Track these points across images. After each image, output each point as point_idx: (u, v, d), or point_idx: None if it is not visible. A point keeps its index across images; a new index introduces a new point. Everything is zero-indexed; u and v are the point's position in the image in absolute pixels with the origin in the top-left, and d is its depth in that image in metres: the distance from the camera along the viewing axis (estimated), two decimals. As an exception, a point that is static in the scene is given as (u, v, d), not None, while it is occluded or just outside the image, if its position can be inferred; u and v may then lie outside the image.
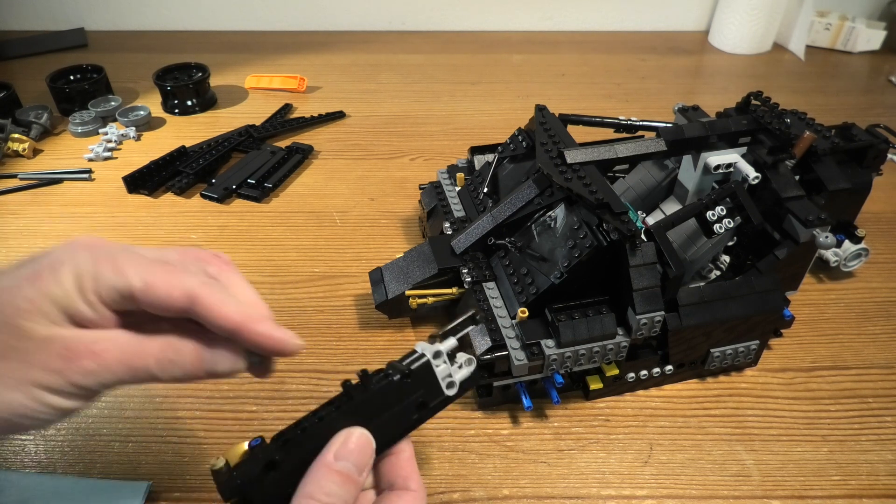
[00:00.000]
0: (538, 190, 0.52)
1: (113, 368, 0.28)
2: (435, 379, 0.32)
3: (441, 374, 0.33)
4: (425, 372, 0.32)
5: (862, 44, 1.18)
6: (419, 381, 0.32)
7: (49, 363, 0.27)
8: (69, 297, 0.28)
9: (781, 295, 0.52)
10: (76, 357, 0.27)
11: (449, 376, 0.33)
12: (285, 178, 0.80)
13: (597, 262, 0.47)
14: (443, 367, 0.33)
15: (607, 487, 0.47)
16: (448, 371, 0.33)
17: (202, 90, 0.96)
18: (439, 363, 0.33)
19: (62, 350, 0.27)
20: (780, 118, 0.55)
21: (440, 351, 0.33)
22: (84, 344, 0.27)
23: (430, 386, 0.32)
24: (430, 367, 0.32)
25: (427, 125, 0.94)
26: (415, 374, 0.32)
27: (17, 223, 0.73)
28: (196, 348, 0.29)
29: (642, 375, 0.52)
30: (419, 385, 0.32)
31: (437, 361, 0.32)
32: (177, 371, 0.29)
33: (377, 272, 0.57)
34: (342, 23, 1.24)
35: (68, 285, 0.28)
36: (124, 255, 0.29)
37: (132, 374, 0.28)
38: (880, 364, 0.57)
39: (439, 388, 0.33)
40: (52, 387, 0.27)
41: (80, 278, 0.28)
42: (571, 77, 1.10)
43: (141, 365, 0.28)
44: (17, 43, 1.13)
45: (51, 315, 0.27)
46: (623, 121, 0.62)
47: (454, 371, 0.33)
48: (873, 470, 0.48)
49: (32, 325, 0.27)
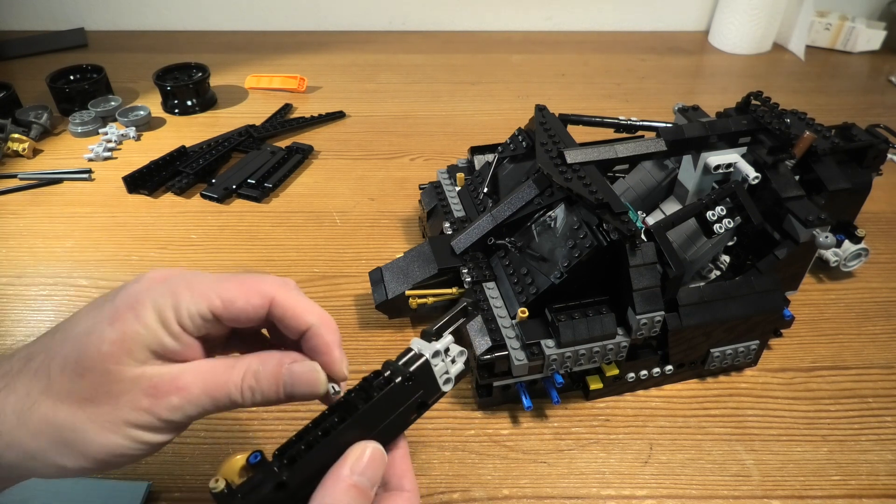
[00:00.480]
0: (538, 190, 0.52)
1: (197, 401, 0.29)
2: (434, 378, 0.32)
3: (439, 372, 0.32)
4: (425, 373, 0.32)
5: (862, 44, 1.18)
6: (420, 382, 0.32)
7: (138, 402, 0.28)
8: (153, 333, 0.28)
9: (781, 295, 0.52)
10: (162, 394, 0.28)
11: (446, 373, 0.33)
12: (285, 178, 0.80)
13: (597, 262, 0.47)
14: (440, 365, 0.32)
15: (607, 487, 0.47)
16: (445, 368, 0.33)
17: (202, 90, 0.96)
18: (437, 362, 0.32)
19: (149, 388, 0.28)
20: (780, 118, 0.55)
21: (438, 350, 0.32)
22: (168, 380, 0.28)
23: (429, 385, 0.32)
24: (429, 367, 0.32)
25: (427, 125, 0.94)
26: (416, 376, 0.31)
27: (17, 223, 0.73)
28: (275, 374, 0.30)
29: (642, 375, 0.52)
30: (420, 386, 0.32)
31: (435, 361, 0.32)
32: (258, 397, 0.30)
33: (377, 272, 0.57)
34: (342, 23, 1.24)
35: (151, 322, 0.28)
36: (196, 280, 0.30)
37: (215, 403, 0.29)
38: (880, 364, 0.57)
39: (437, 386, 0.32)
40: (143, 425, 0.28)
41: (161, 313, 0.28)
42: (571, 77, 1.10)
43: (223, 394, 0.29)
44: (17, 43, 1.13)
45: (136, 354, 0.28)
46: (623, 121, 0.62)
47: (449, 366, 0.33)
48: (873, 470, 0.48)
49: (119, 368, 0.27)
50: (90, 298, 0.62)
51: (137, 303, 0.28)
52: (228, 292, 0.29)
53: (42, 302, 0.62)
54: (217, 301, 0.29)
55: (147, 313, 0.28)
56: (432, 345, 0.32)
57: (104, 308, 0.29)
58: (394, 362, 0.32)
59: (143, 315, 0.28)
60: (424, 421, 0.51)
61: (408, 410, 0.32)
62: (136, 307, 0.28)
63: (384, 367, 0.32)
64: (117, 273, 0.66)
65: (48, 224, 0.73)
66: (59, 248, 0.69)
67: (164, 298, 0.29)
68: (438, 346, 0.32)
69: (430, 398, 0.32)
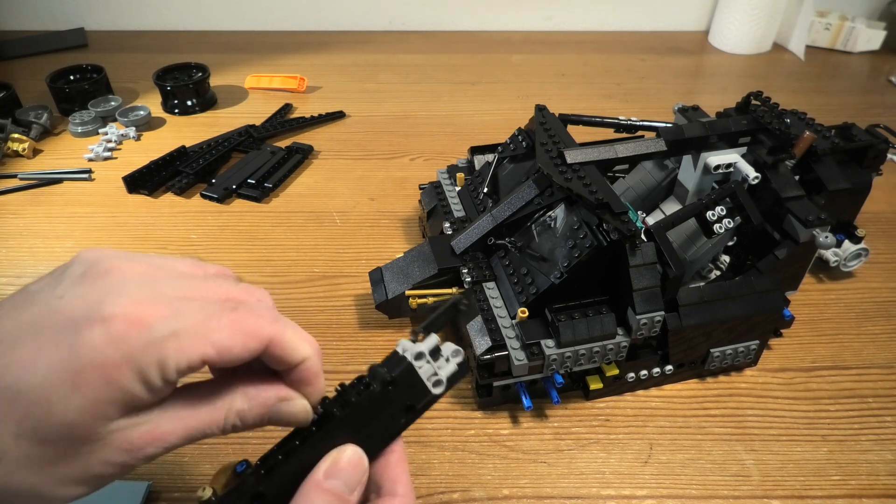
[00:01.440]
0: (538, 190, 0.52)
1: (176, 444, 0.26)
2: (420, 381, 0.30)
3: (425, 374, 0.30)
4: (409, 376, 0.30)
5: (862, 44, 1.18)
6: (403, 386, 0.30)
7: (112, 458, 0.25)
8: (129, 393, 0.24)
9: (781, 295, 0.52)
10: (140, 447, 0.25)
11: (434, 374, 0.31)
12: (285, 178, 0.80)
13: (597, 262, 0.47)
14: (426, 367, 0.30)
15: (607, 487, 0.47)
16: (433, 370, 0.30)
17: (202, 90, 0.96)
18: (422, 364, 0.30)
19: (124, 444, 0.25)
20: (780, 118, 0.55)
21: (422, 352, 0.30)
22: (145, 432, 0.25)
23: (415, 388, 0.30)
24: (412, 370, 0.30)
25: (427, 125, 0.94)
26: (398, 381, 0.30)
27: (17, 223, 0.73)
28: (261, 415, 0.28)
29: (642, 375, 0.52)
30: (404, 390, 0.30)
31: (419, 363, 0.30)
32: (240, 430, 0.28)
33: (377, 272, 0.57)
34: (342, 23, 1.24)
35: (128, 384, 0.24)
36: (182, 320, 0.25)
37: (192, 441, 0.27)
38: (880, 364, 0.57)
39: (425, 389, 0.30)
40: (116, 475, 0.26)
41: (142, 373, 0.24)
42: (571, 77, 1.10)
43: (205, 434, 0.27)
44: (17, 43, 1.13)
45: (109, 414, 0.24)
46: (623, 121, 0.62)
47: (441, 366, 0.31)
48: (873, 470, 0.48)
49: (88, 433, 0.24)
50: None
51: (108, 363, 0.23)
52: (223, 339, 0.25)
53: (42, 302, 0.62)
54: (211, 350, 0.25)
55: (122, 375, 0.24)
56: (416, 346, 0.30)
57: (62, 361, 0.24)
58: (377, 366, 0.30)
59: (116, 377, 0.24)
60: (424, 421, 0.51)
61: (394, 415, 0.30)
62: (107, 368, 0.23)
63: (368, 371, 0.30)
64: (117, 273, 0.65)
65: (48, 224, 0.73)
66: (59, 248, 0.69)
67: (144, 355, 0.24)
68: (423, 347, 0.30)
69: (418, 402, 0.31)
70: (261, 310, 0.28)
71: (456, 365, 0.31)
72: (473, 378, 0.52)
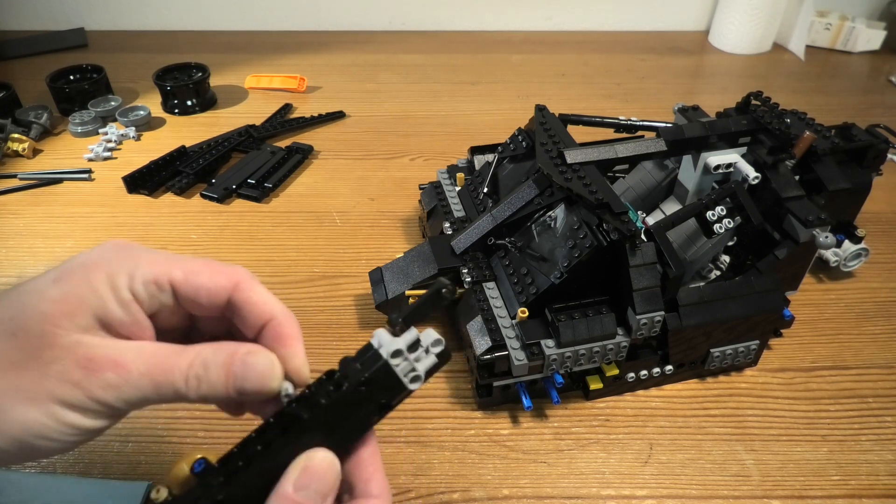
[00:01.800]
0: (538, 190, 0.52)
1: (137, 382, 0.25)
2: (396, 379, 0.28)
3: (402, 371, 0.28)
4: (384, 375, 0.28)
5: (862, 44, 1.18)
6: (378, 385, 0.28)
7: (69, 374, 0.24)
8: (100, 297, 0.25)
9: (781, 295, 0.52)
10: (98, 368, 0.25)
11: (413, 370, 0.28)
12: (285, 178, 0.80)
13: (597, 262, 0.47)
14: (403, 364, 0.28)
15: (607, 487, 0.47)
16: (411, 366, 0.28)
17: (202, 90, 0.96)
18: (399, 362, 0.28)
19: (83, 360, 0.24)
20: (780, 118, 0.55)
21: (400, 349, 0.28)
22: (108, 353, 0.25)
23: (390, 385, 0.28)
24: (388, 369, 0.28)
25: (427, 125, 0.94)
26: (372, 381, 0.27)
27: (17, 223, 0.73)
28: (227, 363, 0.27)
29: (642, 375, 0.52)
30: (379, 388, 0.28)
31: (396, 361, 0.28)
32: (204, 388, 0.26)
33: (377, 272, 0.57)
34: (342, 23, 1.24)
35: (99, 285, 0.25)
36: (160, 252, 0.28)
37: (157, 390, 0.26)
38: (880, 364, 0.57)
39: (402, 385, 0.28)
40: (71, 402, 0.24)
41: (112, 277, 0.26)
42: (571, 77, 1.10)
43: (166, 380, 0.26)
44: (17, 43, 1.13)
45: (77, 318, 0.25)
46: (623, 121, 0.62)
47: (420, 357, 0.28)
48: (873, 470, 0.48)
49: (55, 331, 0.24)
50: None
51: (89, 264, 0.26)
52: (191, 266, 0.27)
53: (42, 302, 0.62)
54: (178, 272, 0.27)
55: (97, 275, 0.25)
56: (394, 341, 0.28)
57: (55, 270, 0.26)
58: (350, 361, 0.28)
59: (92, 277, 0.25)
60: (424, 421, 0.51)
61: (367, 414, 0.28)
62: (87, 268, 0.26)
63: (340, 365, 0.28)
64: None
65: (48, 224, 0.73)
66: (59, 248, 0.69)
67: (119, 262, 0.26)
68: (401, 343, 0.28)
69: (393, 399, 0.28)
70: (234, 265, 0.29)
71: (435, 356, 0.29)
72: (473, 378, 0.52)
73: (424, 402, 0.53)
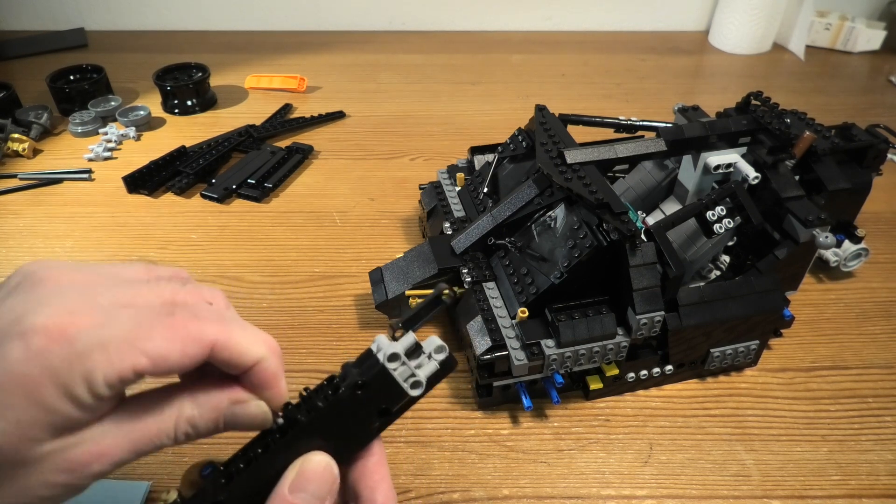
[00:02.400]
0: (538, 190, 0.52)
1: (123, 458, 0.25)
2: (395, 383, 0.28)
3: (402, 375, 0.28)
4: (381, 379, 0.28)
5: (862, 44, 1.18)
6: (376, 389, 0.28)
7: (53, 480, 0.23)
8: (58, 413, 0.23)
9: (781, 295, 0.52)
10: (82, 466, 0.24)
11: (412, 375, 0.28)
12: (285, 178, 0.80)
13: (597, 262, 0.47)
14: (402, 368, 0.28)
15: (607, 487, 0.47)
16: (410, 371, 0.28)
17: (202, 90, 0.96)
18: (397, 365, 0.28)
19: (63, 464, 0.23)
20: (780, 118, 0.55)
21: (396, 353, 0.28)
22: (86, 450, 0.24)
23: (390, 391, 0.28)
24: (385, 372, 0.28)
25: (427, 125, 0.94)
26: (369, 385, 0.27)
27: (17, 223, 0.73)
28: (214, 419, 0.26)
29: (642, 375, 0.52)
30: (377, 393, 0.28)
31: (393, 364, 0.28)
32: (193, 439, 0.26)
33: (377, 272, 0.57)
34: (342, 23, 1.24)
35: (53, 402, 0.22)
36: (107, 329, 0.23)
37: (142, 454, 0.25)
38: (880, 364, 0.57)
39: (401, 391, 0.28)
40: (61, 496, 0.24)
41: (67, 388, 0.22)
42: (571, 77, 1.10)
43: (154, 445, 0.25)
44: (17, 43, 1.13)
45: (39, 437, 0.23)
46: (623, 121, 0.62)
47: (422, 364, 0.28)
48: (873, 470, 0.48)
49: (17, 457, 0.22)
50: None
51: (29, 381, 0.22)
52: (156, 347, 0.23)
53: (42, 302, 0.62)
54: (143, 360, 0.23)
55: (45, 393, 0.22)
56: (391, 345, 0.28)
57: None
58: (349, 365, 0.28)
59: (39, 396, 0.22)
60: (424, 421, 0.51)
61: (366, 419, 0.28)
62: (28, 386, 0.22)
63: (341, 370, 0.28)
64: (117, 273, 0.66)
65: (48, 224, 0.73)
66: (59, 248, 0.69)
67: (68, 369, 0.22)
68: (398, 347, 0.28)
69: (393, 405, 0.28)
70: (204, 312, 0.26)
71: (437, 363, 0.29)
72: (473, 378, 0.52)
73: (424, 402, 0.52)
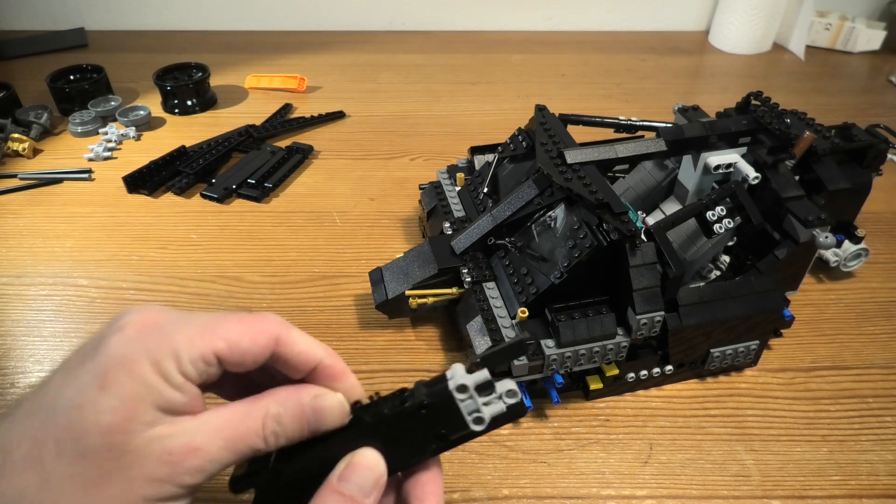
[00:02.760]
0: (538, 190, 0.52)
1: (218, 458, 0.26)
2: (458, 413, 0.29)
3: (467, 408, 0.29)
4: (445, 405, 0.29)
5: (862, 44, 1.18)
6: (439, 413, 0.29)
7: (155, 473, 0.25)
8: (155, 389, 0.25)
9: (781, 295, 0.52)
10: (180, 459, 0.25)
11: (477, 411, 0.29)
12: (285, 178, 0.80)
13: (597, 262, 0.47)
14: (469, 401, 0.29)
15: (607, 487, 0.47)
16: (476, 405, 0.29)
17: (202, 90, 0.96)
18: (464, 397, 0.29)
19: (164, 455, 0.25)
20: (780, 118, 0.55)
21: (465, 385, 0.29)
22: (183, 442, 0.25)
23: (452, 419, 0.29)
24: (450, 399, 0.29)
25: (427, 125, 0.94)
26: (433, 407, 0.29)
27: (17, 223, 0.73)
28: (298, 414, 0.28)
29: (642, 375, 0.52)
30: (438, 417, 0.29)
31: (461, 395, 0.29)
32: (282, 440, 0.28)
33: (377, 272, 0.57)
34: (342, 23, 1.24)
35: (150, 377, 0.25)
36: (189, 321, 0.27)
37: (237, 455, 0.27)
38: (880, 364, 0.57)
39: (463, 423, 0.30)
40: (163, 496, 0.25)
41: (159, 364, 0.25)
42: (571, 77, 1.10)
43: (245, 446, 0.27)
44: (17, 43, 1.13)
45: (142, 417, 0.25)
46: (623, 121, 0.62)
47: (491, 402, 0.30)
48: (873, 470, 0.48)
49: (126, 439, 0.24)
50: (90, 298, 0.62)
51: (128, 359, 0.25)
52: (231, 333, 0.27)
53: (42, 302, 0.62)
54: (221, 343, 0.26)
55: (143, 368, 0.25)
56: (464, 376, 0.29)
57: (87, 371, 0.25)
58: (421, 384, 0.30)
59: (138, 371, 0.25)
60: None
61: (424, 439, 0.30)
62: (128, 364, 0.25)
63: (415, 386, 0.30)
64: (117, 273, 0.66)
65: (48, 224, 0.73)
66: (59, 248, 0.69)
67: (158, 347, 0.25)
68: (469, 380, 0.29)
69: (452, 433, 0.30)
70: (271, 316, 0.29)
71: (505, 406, 0.30)
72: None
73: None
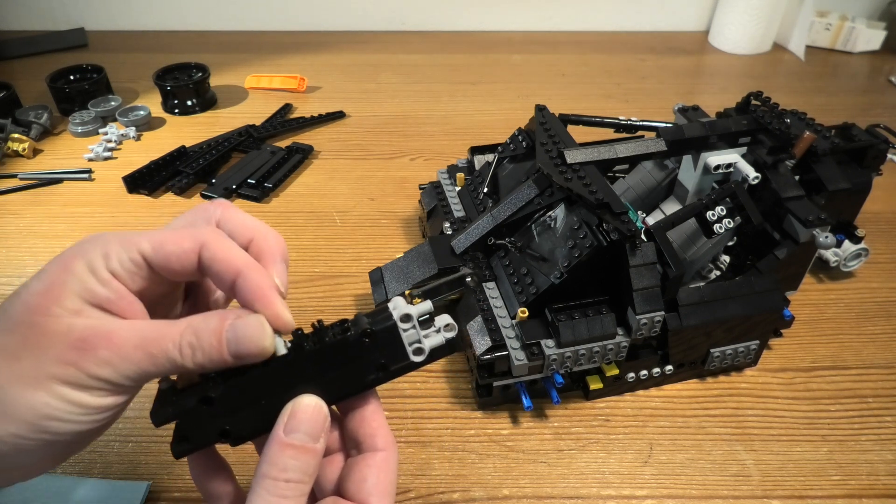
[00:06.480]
0: (538, 190, 0.52)
1: (131, 356, 0.26)
2: (400, 343, 0.30)
3: (408, 338, 0.30)
4: (389, 334, 0.29)
5: (862, 44, 1.18)
6: (381, 342, 0.29)
7: (64, 356, 0.26)
8: (81, 280, 0.27)
9: (781, 295, 0.52)
10: (91, 346, 0.26)
11: (418, 342, 0.30)
12: (285, 178, 0.80)
13: (597, 262, 0.47)
14: (411, 332, 0.30)
15: (607, 487, 0.47)
16: (418, 336, 0.30)
17: (202, 90, 0.96)
18: (407, 327, 0.29)
19: (76, 341, 0.26)
20: (780, 118, 0.55)
21: (409, 314, 0.29)
22: (99, 332, 0.26)
23: (393, 349, 0.30)
24: (394, 329, 0.29)
25: (427, 125, 0.94)
26: (376, 335, 0.29)
27: (17, 223, 0.73)
28: (217, 330, 0.27)
29: (642, 375, 0.52)
30: (381, 346, 0.29)
31: (404, 325, 0.29)
32: (199, 356, 0.27)
33: (377, 272, 0.57)
34: (342, 23, 1.24)
35: (79, 270, 0.27)
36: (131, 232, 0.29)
37: (152, 361, 0.27)
38: (880, 364, 0.57)
39: (404, 353, 0.30)
40: (70, 381, 0.26)
41: (90, 262, 0.27)
42: (571, 77, 1.10)
43: (160, 350, 0.27)
44: (17, 43, 1.13)
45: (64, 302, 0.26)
46: (623, 121, 0.62)
47: (429, 335, 0.30)
48: (873, 470, 0.48)
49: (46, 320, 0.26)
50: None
51: (66, 255, 0.28)
52: (157, 235, 0.28)
53: (42, 302, 0.62)
54: (145, 244, 0.28)
55: (75, 262, 0.27)
56: (407, 307, 0.30)
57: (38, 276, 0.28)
58: (363, 315, 0.30)
59: (69, 264, 0.27)
60: (424, 421, 0.51)
61: (365, 369, 0.30)
62: (64, 258, 0.27)
63: (354, 317, 0.30)
64: (117, 273, 0.66)
65: (48, 224, 0.73)
66: (59, 248, 0.68)
67: (93, 249, 0.28)
68: (413, 310, 0.30)
69: (393, 363, 0.30)
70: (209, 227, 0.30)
71: (444, 339, 0.30)
72: (473, 378, 0.52)
73: (424, 402, 0.53)
